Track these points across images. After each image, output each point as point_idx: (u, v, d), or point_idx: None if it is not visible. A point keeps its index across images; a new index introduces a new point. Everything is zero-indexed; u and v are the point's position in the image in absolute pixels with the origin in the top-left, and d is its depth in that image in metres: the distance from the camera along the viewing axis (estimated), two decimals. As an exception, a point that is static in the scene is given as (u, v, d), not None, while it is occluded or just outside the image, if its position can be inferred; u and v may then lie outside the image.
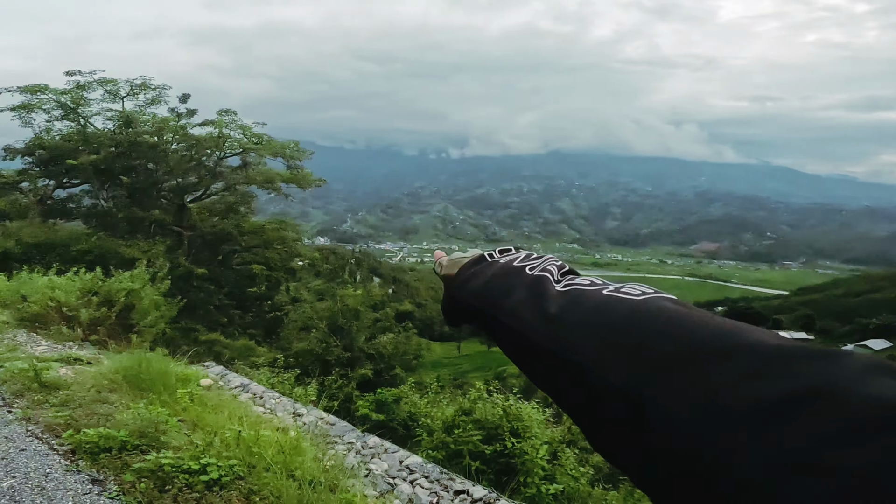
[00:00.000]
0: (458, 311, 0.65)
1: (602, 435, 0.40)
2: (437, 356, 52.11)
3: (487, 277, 0.59)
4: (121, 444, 2.96)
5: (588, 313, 0.44)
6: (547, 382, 0.47)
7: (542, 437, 5.95)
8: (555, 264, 0.57)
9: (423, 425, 6.93)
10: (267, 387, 5.58)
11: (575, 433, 8.82)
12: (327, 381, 8.32)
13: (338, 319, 14.29)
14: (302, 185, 23.01)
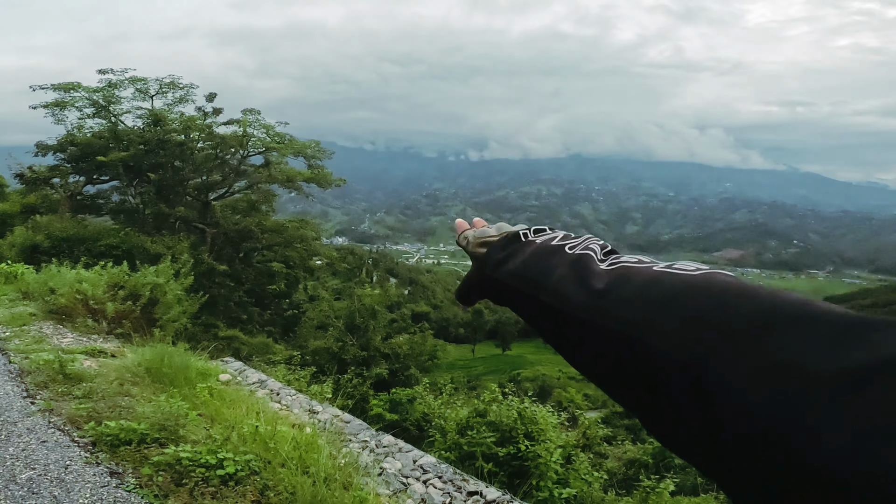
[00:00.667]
0: (484, 290, 0.64)
1: (656, 412, 0.39)
2: (452, 358, 51.96)
3: (525, 257, 0.58)
4: (140, 437, 3.00)
5: (640, 287, 0.43)
6: (592, 362, 0.46)
7: (557, 441, 5.90)
8: (597, 243, 0.55)
9: (437, 426, 6.93)
10: (283, 383, 5.63)
11: (591, 437, 8.72)
12: (343, 380, 8.37)
13: (355, 318, 14.32)
14: (322, 185, 23.24)
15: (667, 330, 0.38)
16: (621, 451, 9.63)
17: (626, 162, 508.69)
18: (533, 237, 0.62)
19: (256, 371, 5.86)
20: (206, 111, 23.00)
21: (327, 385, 6.46)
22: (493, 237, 0.67)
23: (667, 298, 0.40)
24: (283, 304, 22.47)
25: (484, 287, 0.64)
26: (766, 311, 0.34)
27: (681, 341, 0.36)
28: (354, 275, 49.87)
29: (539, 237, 0.61)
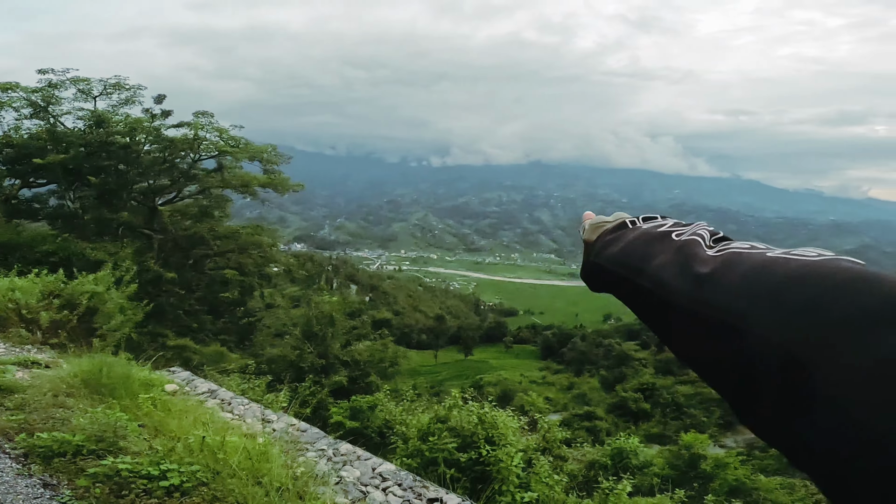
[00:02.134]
0: (596, 277, 0.64)
1: (753, 403, 0.36)
2: (414, 364, 51.79)
3: (627, 242, 0.58)
4: (76, 449, 2.85)
5: (747, 273, 0.40)
6: (689, 348, 0.45)
7: (517, 445, 5.96)
8: (707, 229, 0.54)
9: (399, 433, 6.89)
10: (237, 393, 5.44)
11: (550, 441, 8.87)
12: (300, 388, 8.18)
13: (312, 326, 14.10)
14: (279, 190, 22.72)
15: (771, 318, 0.35)
16: (581, 454, 9.86)
17: (583, 169, 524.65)
18: (641, 224, 0.62)
19: (207, 381, 5.63)
20: (155, 113, 22.06)
21: (283, 394, 6.29)
22: (607, 223, 0.68)
23: (776, 285, 0.37)
24: (238, 313, 21.73)
25: (588, 272, 0.66)
26: (890, 302, 0.30)
27: (786, 331, 0.34)
28: (313, 282, 49.01)
29: (647, 224, 0.61)
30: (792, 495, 8.65)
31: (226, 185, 22.25)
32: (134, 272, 8.17)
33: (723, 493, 8.29)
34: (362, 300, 60.66)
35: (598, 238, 0.66)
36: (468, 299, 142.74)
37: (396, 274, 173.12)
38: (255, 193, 22.62)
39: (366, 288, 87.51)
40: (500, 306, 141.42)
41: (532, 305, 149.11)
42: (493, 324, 79.28)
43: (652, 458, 9.38)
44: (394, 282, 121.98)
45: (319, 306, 14.94)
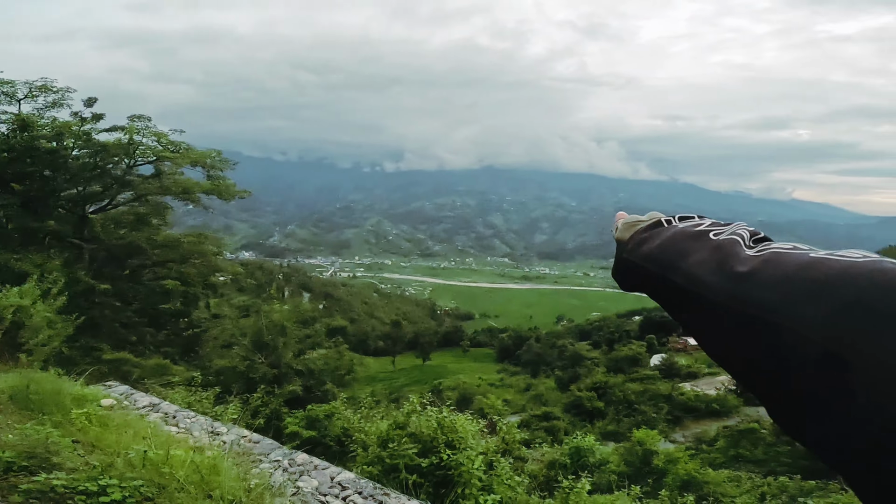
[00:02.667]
0: (628, 274, 0.63)
1: (789, 403, 0.36)
2: (372, 371, 51.11)
3: (662, 239, 0.58)
4: (6, 466, 2.61)
5: (789, 272, 0.40)
6: (722, 346, 0.45)
7: (477, 449, 5.99)
8: (747, 229, 0.54)
9: (358, 440, 6.79)
10: (182, 406, 5.14)
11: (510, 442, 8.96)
12: (251, 399, 7.86)
13: (263, 336, 13.66)
14: (224, 197, 21.75)
15: (813, 315, 0.35)
16: (540, 454, 10.02)
17: (535, 173, 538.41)
18: (677, 223, 0.61)
19: (147, 395, 5.29)
20: (85, 117, 20.59)
21: (234, 405, 6.02)
22: (641, 222, 0.67)
23: (818, 283, 0.37)
24: (181, 324, 20.64)
25: (619, 270, 0.66)
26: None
27: (827, 329, 0.34)
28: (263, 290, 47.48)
29: (684, 223, 0.60)
30: (739, 488, 9.08)
31: (165, 192, 21.04)
32: (62, 284, 7.56)
33: (675, 488, 8.58)
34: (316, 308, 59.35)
35: (631, 237, 0.66)
36: (424, 304, 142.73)
37: (351, 281, 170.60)
38: (197, 200, 21.52)
39: (319, 295, 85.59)
40: (456, 310, 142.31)
41: (487, 309, 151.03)
42: (450, 328, 79.60)
43: (608, 455, 9.66)
44: (348, 289, 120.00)
45: (270, 315, 14.52)
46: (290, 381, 12.46)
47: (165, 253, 20.58)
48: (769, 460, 14.48)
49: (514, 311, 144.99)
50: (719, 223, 0.58)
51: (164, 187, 20.88)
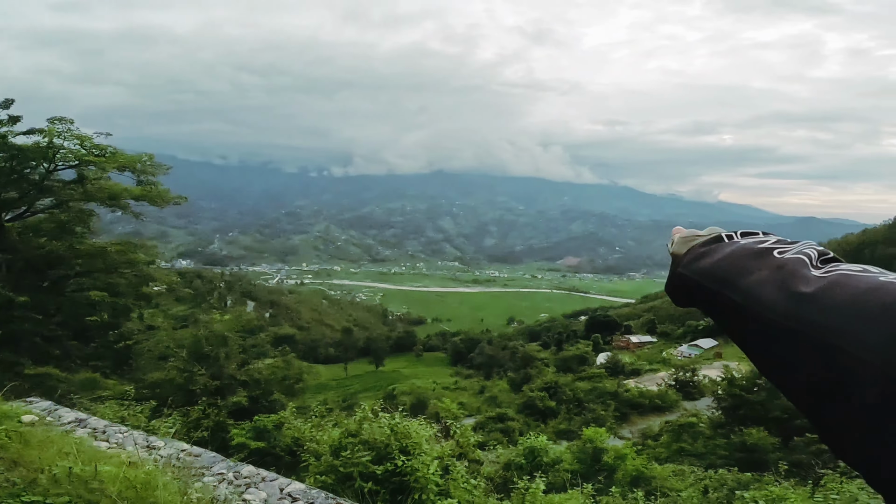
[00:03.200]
0: (682, 289, 0.61)
1: (844, 427, 0.36)
2: (323, 379, 49.77)
3: (722, 256, 0.56)
4: None
5: (856, 294, 0.39)
6: (780, 367, 0.44)
7: (432, 453, 5.95)
8: (815, 248, 0.51)
9: (309, 450, 6.60)
10: (114, 421, 4.74)
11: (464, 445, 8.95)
12: (192, 412, 7.37)
13: (202, 347, 12.97)
14: (157, 203, 20.48)
15: (875, 340, 0.35)
16: (495, 455, 10.06)
17: (483, 177, 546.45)
18: (739, 239, 0.59)
19: (74, 410, 4.83)
20: (1, 119, 18.74)
21: (172, 419, 5.63)
22: (699, 237, 0.66)
23: (883, 308, 0.36)
24: (111, 336, 19.21)
25: (674, 285, 0.64)
26: None
27: (888, 354, 0.33)
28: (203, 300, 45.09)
29: (746, 239, 0.58)
30: (683, 481, 9.47)
31: (89, 198, 19.50)
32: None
33: (625, 484, 8.82)
34: (261, 317, 57.12)
35: (687, 251, 0.64)
36: (375, 310, 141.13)
37: (298, 288, 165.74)
38: (126, 207, 20.12)
39: (265, 304, 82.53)
40: (408, 315, 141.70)
41: (439, 313, 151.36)
42: (402, 333, 79.07)
43: (561, 454, 9.83)
44: (296, 296, 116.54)
45: (210, 325, 13.82)
46: (235, 393, 11.88)
47: (90, 262, 19.11)
48: (708, 453, 15.21)
49: (465, 315, 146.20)
50: (785, 241, 0.56)
51: (87, 193, 19.41)
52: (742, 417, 17.00)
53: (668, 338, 61.75)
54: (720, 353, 46.09)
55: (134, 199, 19.98)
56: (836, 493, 4.26)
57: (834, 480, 4.70)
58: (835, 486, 4.48)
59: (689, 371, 31.46)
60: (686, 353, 49.90)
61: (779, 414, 16.19)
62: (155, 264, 24.02)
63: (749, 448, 14.12)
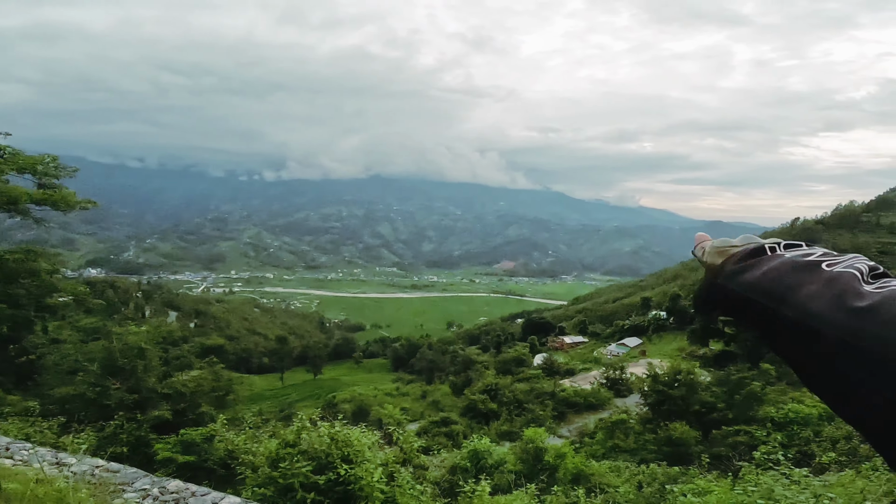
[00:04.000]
0: (717, 301, 0.60)
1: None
2: (257, 389, 47.34)
3: (768, 268, 0.54)
4: None
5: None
6: (835, 383, 0.43)
7: (376, 461, 5.79)
8: (865, 263, 0.50)
9: (245, 462, 6.22)
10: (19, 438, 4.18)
11: (407, 451, 8.78)
12: (107, 427, 6.66)
13: (116, 360, 11.92)
14: (62, 208, 18.66)
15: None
16: (440, 460, 9.98)
17: (421, 182, 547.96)
18: (783, 251, 0.57)
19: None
20: None
21: (85, 434, 5.05)
22: (734, 247, 0.63)
23: None
24: (11, 351, 17.27)
25: (712, 298, 0.62)
26: None
27: None
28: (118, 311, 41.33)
29: (791, 252, 0.56)
30: (619, 477, 9.86)
31: (-20, 203, 17.36)
32: None
33: (567, 482, 9.02)
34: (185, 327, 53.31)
35: (725, 261, 0.61)
36: (312, 318, 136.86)
37: (227, 297, 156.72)
38: (26, 212, 18.18)
39: (189, 314, 77.22)
40: (346, 322, 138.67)
41: (378, 319, 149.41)
42: (341, 340, 77.19)
43: (504, 455, 9.90)
44: (224, 305, 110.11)
45: (124, 338, 12.76)
46: (156, 406, 10.94)
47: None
48: (640, 449, 15.90)
49: (405, 320, 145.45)
50: (832, 254, 0.54)
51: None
52: (666, 412, 17.89)
53: (598, 337, 64.90)
54: (644, 351, 49.16)
55: (35, 204, 18.22)
56: (753, 484, 4.48)
57: (751, 472, 4.95)
58: (752, 478, 4.71)
59: (618, 369, 33.09)
60: (615, 351, 52.53)
61: (698, 408, 17.32)
62: (59, 274, 21.87)
63: (675, 442, 14.88)
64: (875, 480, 4.77)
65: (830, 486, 4.44)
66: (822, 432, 9.89)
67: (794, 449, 8.88)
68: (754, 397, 17.08)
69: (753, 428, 13.19)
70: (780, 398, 16.87)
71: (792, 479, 4.33)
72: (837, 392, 0.43)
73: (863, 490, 4.43)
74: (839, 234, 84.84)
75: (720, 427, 15.14)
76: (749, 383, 17.91)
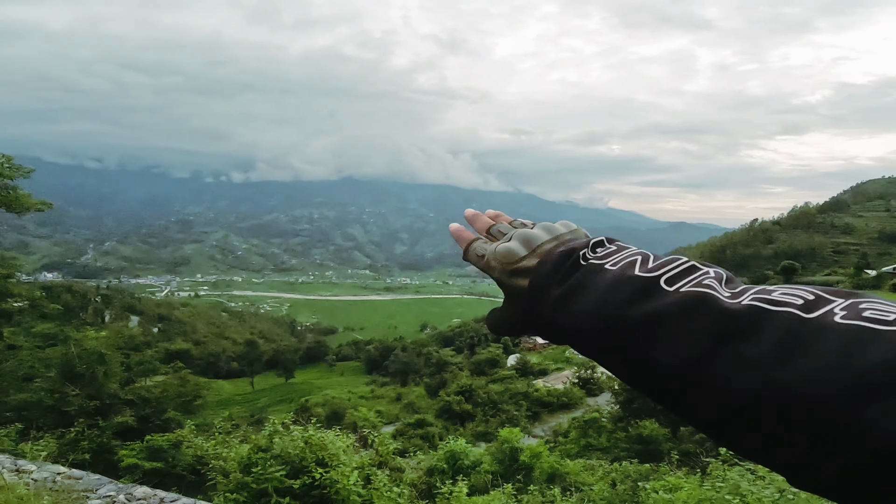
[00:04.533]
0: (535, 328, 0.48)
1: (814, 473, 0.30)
2: (226, 394, 46.03)
3: (601, 294, 0.42)
4: None
5: (830, 360, 0.30)
6: (734, 431, 0.34)
7: (351, 464, 5.72)
8: (709, 274, 0.40)
9: (216, 467, 6.07)
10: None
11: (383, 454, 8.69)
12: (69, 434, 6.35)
13: (75, 366, 11.39)
14: (15, 209, 17.85)
15: (873, 416, 0.27)
16: (416, 462, 9.92)
17: (394, 184, 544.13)
18: (596, 259, 0.45)
19: None
20: None
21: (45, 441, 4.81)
22: (526, 258, 0.49)
23: (879, 375, 0.28)
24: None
25: (534, 326, 0.48)
26: None
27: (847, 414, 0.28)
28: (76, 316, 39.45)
29: (607, 260, 0.45)
30: (594, 475, 9.97)
31: (-73, 205, 16.37)
32: None
33: (542, 482, 9.04)
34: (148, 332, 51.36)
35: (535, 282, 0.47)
36: (282, 321, 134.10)
37: (192, 301, 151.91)
38: (-21, 214, 17.27)
39: (152, 318, 74.54)
40: (318, 325, 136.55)
41: (351, 322, 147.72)
42: (313, 344, 75.88)
43: (480, 456, 9.89)
44: (190, 309, 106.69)
45: (82, 343, 12.23)
46: (119, 412, 10.48)
47: (-73, 273, 16.00)
48: (612, 447, 16.10)
49: (377, 323, 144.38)
50: (649, 257, 0.43)
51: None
52: (636, 410, 18.22)
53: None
54: (614, 348, 50.23)
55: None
56: (721, 480, 4.56)
57: (718, 468, 5.02)
58: (719, 474, 4.79)
59: (589, 369, 33.66)
60: (585, 350, 53.37)
61: (665, 406, 17.80)
62: (14, 278, 20.91)
63: (645, 440, 15.14)
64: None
65: (792, 481, 4.58)
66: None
67: (761, 444, 9.16)
68: (717, 393, 17.59)
69: (718, 424, 13.57)
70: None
71: (756, 474, 4.47)
72: (749, 445, 0.34)
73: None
74: (795, 235, 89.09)
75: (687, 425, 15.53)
76: (710, 379, 18.44)
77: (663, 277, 0.40)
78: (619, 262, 0.43)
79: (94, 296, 69.28)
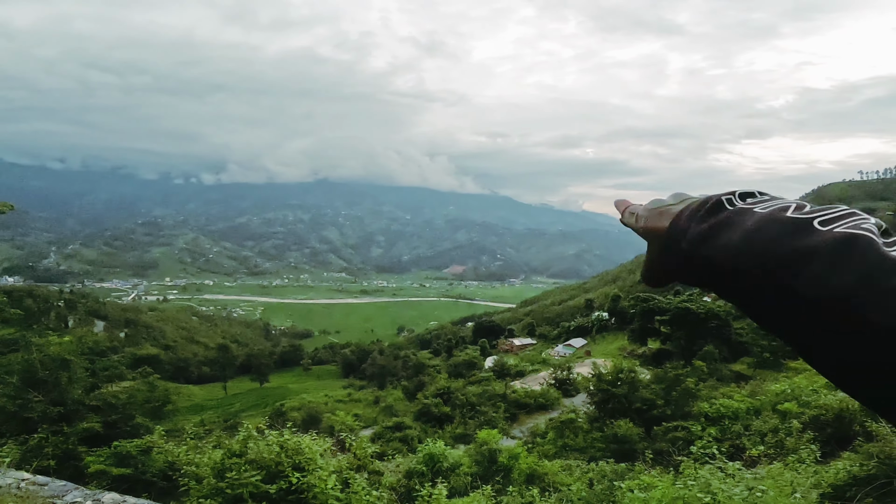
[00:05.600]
0: (678, 270, 0.50)
1: None
2: (198, 399, 44.75)
3: (749, 229, 0.42)
4: None
5: None
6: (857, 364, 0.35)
7: (329, 468, 5.65)
8: (868, 220, 0.40)
9: (188, 473, 5.91)
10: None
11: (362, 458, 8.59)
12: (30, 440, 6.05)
13: (37, 371, 11.01)
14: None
15: None
16: (395, 465, 9.84)
17: (370, 187, 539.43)
18: (743, 204, 0.46)
19: None
20: None
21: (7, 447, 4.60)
22: (673, 205, 0.53)
23: None
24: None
25: (670, 267, 0.51)
26: None
27: None
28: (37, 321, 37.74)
29: (756, 204, 0.45)
30: (571, 475, 10.06)
31: None
32: None
33: (521, 482, 9.08)
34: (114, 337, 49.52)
35: (677, 222, 0.50)
36: (256, 325, 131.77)
37: (161, 305, 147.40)
38: (-67, 215, 16.36)
39: (118, 323, 71.86)
40: (293, 329, 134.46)
41: (327, 325, 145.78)
42: (288, 347, 74.54)
43: (459, 458, 9.88)
44: (158, 313, 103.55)
45: (45, 348, 11.84)
46: (85, 419, 10.10)
47: None
48: (588, 447, 16.21)
49: (354, 326, 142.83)
50: (805, 206, 0.44)
51: None
52: (611, 410, 18.47)
53: (546, 339, 66.61)
54: (589, 351, 51.01)
55: (-60, 207, 16.38)
56: (692, 478, 4.65)
57: (690, 467, 5.12)
58: (691, 473, 4.89)
59: (565, 370, 34.07)
60: (561, 352, 54.05)
61: (639, 405, 18.06)
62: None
63: (620, 439, 15.33)
64: (802, 473, 5.13)
65: (762, 479, 4.68)
66: (752, 426, 10.49)
67: (728, 443, 9.34)
68: (689, 393, 17.94)
69: (690, 423, 13.82)
70: (711, 394, 17.87)
71: (727, 472, 4.56)
72: (852, 372, 0.35)
73: (792, 482, 4.71)
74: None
75: (660, 423, 15.80)
76: (684, 380, 18.85)
77: (818, 219, 0.40)
78: (769, 207, 0.44)
79: (56, 300, 66.44)
